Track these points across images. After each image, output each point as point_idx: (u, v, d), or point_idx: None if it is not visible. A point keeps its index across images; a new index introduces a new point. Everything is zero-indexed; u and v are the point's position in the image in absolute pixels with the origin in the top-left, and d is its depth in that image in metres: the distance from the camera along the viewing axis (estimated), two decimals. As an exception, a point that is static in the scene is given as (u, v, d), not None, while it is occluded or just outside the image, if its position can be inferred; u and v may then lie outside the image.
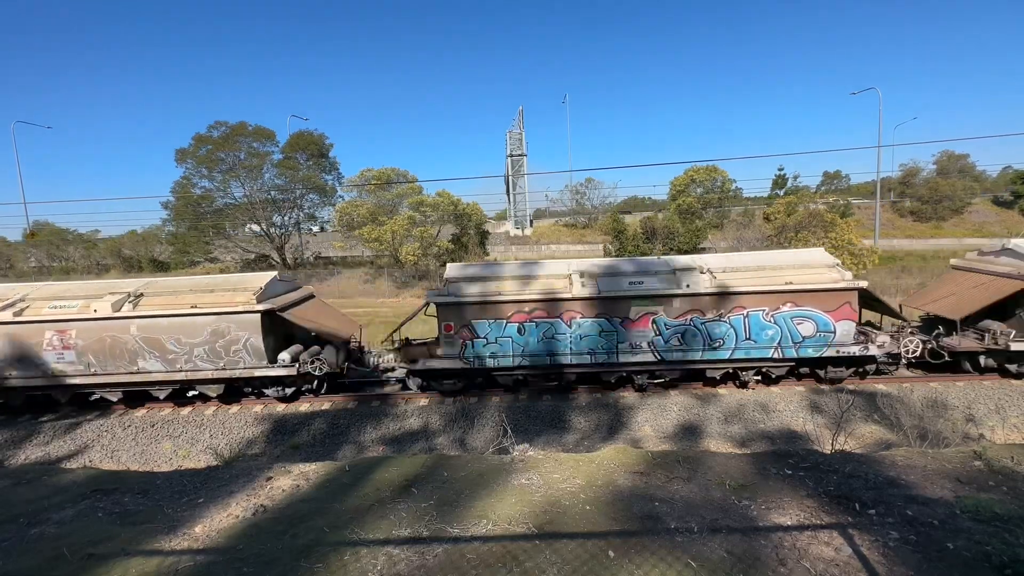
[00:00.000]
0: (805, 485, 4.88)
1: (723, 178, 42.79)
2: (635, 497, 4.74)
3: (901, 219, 48.10)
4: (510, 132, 48.99)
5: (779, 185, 48.08)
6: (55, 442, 10.92)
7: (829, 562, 3.69)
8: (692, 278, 10.90)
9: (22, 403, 11.96)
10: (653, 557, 3.77)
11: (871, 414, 10.34)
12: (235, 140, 35.99)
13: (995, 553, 3.61)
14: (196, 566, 4.02)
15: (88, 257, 47.08)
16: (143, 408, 12.21)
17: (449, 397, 11.99)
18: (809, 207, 30.80)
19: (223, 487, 5.70)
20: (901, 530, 4.03)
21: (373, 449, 10.29)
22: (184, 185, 36.55)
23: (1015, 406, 10.54)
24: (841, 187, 58.74)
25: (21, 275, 42.40)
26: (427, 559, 3.91)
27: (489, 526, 4.35)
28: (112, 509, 5.33)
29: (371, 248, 33.64)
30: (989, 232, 42.16)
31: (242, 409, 12.00)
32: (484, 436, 10.34)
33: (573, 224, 49.59)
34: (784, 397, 11.27)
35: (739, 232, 33.66)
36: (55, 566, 4.13)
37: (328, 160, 39.62)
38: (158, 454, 10.53)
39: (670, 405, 11.12)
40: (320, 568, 3.87)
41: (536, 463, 5.66)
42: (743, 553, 3.81)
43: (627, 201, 60.94)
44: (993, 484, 4.76)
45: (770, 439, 9.91)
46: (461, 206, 35.90)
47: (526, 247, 45.76)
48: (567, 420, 10.85)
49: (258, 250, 39.72)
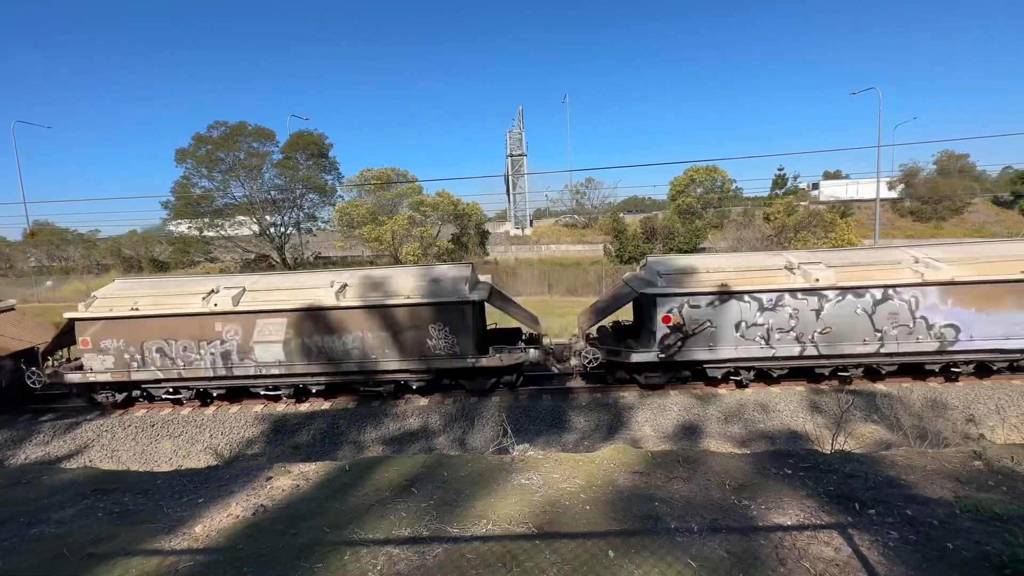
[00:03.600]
0: (805, 485, 4.88)
1: (723, 178, 42.81)
2: (635, 497, 4.74)
3: (901, 219, 48.11)
4: (510, 132, 48.99)
5: (779, 185, 48.11)
6: (55, 442, 10.93)
7: (829, 562, 3.69)
8: None
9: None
10: (653, 557, 3.77)
11: (871, 414, 10.34)
12: (235, 140, 35.99)
13: (995, 553, 3.61)
14: (196, 566, 4.02)
15: (88, 257, 47.04)
16: (144, 408, 12.22)
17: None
18: (809, 207, 30.82)
19: (223, 487, 5.70)
20: (901, 530, 4.03)
21: (373, 449, 10.29)
22: (184, 185, 36.54)
23: (1015, 406, 10.53)
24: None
25: (21, 275, 42.39)
26: (427, 559, 3.91)
27: (489, 526, 4.35)
28: (112, 509, 5.32)
29: (371, 248, 33.66)
30: (989, 232, 42.19)
31: (242, 409, 11.99)
32: (484, 436, 10.34)
33: (573, 224, 49.59)
34: (784, 397, 11.27)
35: (739, 232, 33.69)
36: (55, 566, 4.13)
37: (328, 160, 39.61)
38: (158, 454, 10.53)
39: (670, 405, 11.12)
40: (320, 568, 3.87)
41: (536, 463, 5.66)
42: (743, 553, 3.81)
43: (627, 201, 60.96)
44: (993, 484, 4.76)
45: (770, 439, 9.91)
46: (461, 206, 35.91)
47: (526, 247, 45.77)
48: (567, 420, 10.85)
49: (258, 250, 39.72)
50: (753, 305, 10.78)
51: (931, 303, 10.62)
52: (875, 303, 10.66)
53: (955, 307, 10.61)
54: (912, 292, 10.60)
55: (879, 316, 10.68)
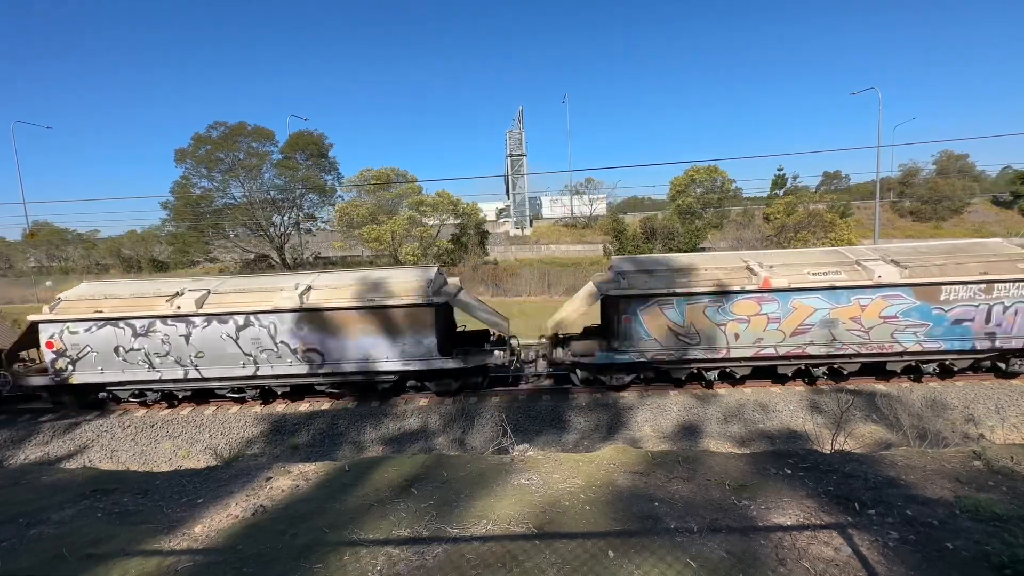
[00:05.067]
0: (805, 485, 4.88)
1: (723, 178, 42.79)
2: (635, 497, 4.74)
3: (901, 219, 48.12)
4: (510, 132, 49.02)
5: (779, 185, 48.09)
6: (55, 442, 10.92)
7: (829, 562, 3.68)
8: None
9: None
10: (653, 557, 3.77)
11: (870, 414, 10.34)
12: (234, 140, 36.00)
13: (995, 553, 3.61)
14: (196, 566, 4.02)
15: (88, 257, 47.05)
16: (144, 408, 12.22)
17: (452, 396, 11.97)
18: (809, 207, 30.84)
19: (223, 487, 5.70)
20: (901, 530, 4.03)
21: (373, 449, 10.28)
22: (183, 185, 36.55)
23: (1015, 406, 10.54)
24: (841, 187, 58.71)
25: (20, 275, 42.38)
26: (427, 559, 3.91)
27: (489, 526, 4.35)
28: (112, 509, 5.32)
29: (371, 248, 33.65)
30: (989, 232, 42.16)
31: (241, 409, 11.99)
32: (484, 436, 10.34)
33: (573, 224, 49.60)
34: (784, 397, 11.27)
35: (739, 232, 33.71)
36: (55, 566, 4.13)
37: (327, 160, 39.63)
38: (158, 454, 10.53)
39: (670, 405, 11.12)
40: (320, 568, 3.86)
41: (536, 463, 5.66)
42: (743, 553, 3.81)
43: (627, 201, 60.95)
44: (993, 484, 4.76)
45: (770, 439, 9.91)
46: (461, 206, 35.91)
47: (526, 247, 45.76)
48: (567, 420, 10.84)
49: (257, 250, 39.72)
50: (129, 331, 11.18)
51: (287, 328, 11.12)
52: (238, 329, 11.08)
53: (312, 332, 11.16)
54: (270, 318, 11.06)
55: (244, 340, 11.16)
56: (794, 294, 10.60)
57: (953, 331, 10.70)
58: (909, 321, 10.67)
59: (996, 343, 10.75)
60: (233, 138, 35.88)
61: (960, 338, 10.75)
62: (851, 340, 10.81)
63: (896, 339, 10.80)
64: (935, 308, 10.57)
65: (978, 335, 10.73)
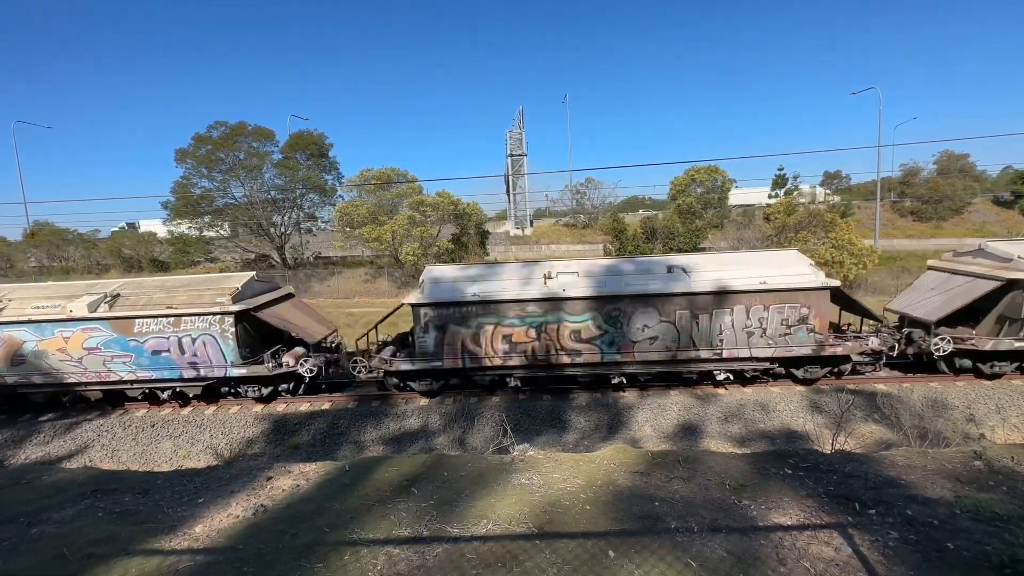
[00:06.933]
0: (805, 485, 4.88)
1: (723, 178, 42.74)
2: (635, 497, 4.74)
3: (901, 219, 48.05)
4: (510, 132, 48.94)
5: (779, 185, 48.04)
6: (55, 442, 10.93)
7: (829, 562, 3.68)
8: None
9: None
10: (653, 557, 3.77)
11: (871, 414, 10.33)
12: (235, 140, 35.95)
13: (995, 553, 3.61)
14: (196, 566, 4.02)
15: (88, 257, 47.03)
16: (144, 408, 12.22)
17: (450, 397, 11.97)
18: (809, 207, 30.79)
19: (223, 487, 5.70)
20: (901, 530, 4.03)
21: (373, 449, 10.29)
22: (184, 185, 36.50)
23: (1015, 406, 10.53)
24: (841, 187, 58.67)
25: (21, 275, 42.38)
26: (427, 559, 3.91)
27: (489, 526, 4.35)
28: (112, 509, 5.32)
29: (371, 248, 33.61)
30: (989, 232, 42.09)
31: (242, 409, 12.00)
32: (484, 436, 10.34)
33: (573, 224, 49.56)
34: (784, 397, 11.27)
35: (739, 232, 33.68)
36: (55, 566, 4.13)
37: (328, 160, 39.55)
38: (158, 454, 10.53)
39: (670, 405, 11.12)
40: (320, 568, 3.86)
41: (536, 463, 5.66)
42: (743, 553, 3.81)
43: (627, 201, 60.93)
44: (993, 484, 4.76)
45: (770, 439, 9.91)
46: (461, 206, 35.88)
47: (526, 247, 45.73)
48: (567, 420, 10.84)
49: (258, 250, 39.68)
50: None
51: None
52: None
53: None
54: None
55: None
56: (8, 327, 11.37)
57: (157, 361, 11.44)
58: (113, 352, 11.39)
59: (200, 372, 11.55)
60: (233, 138, 35.83)
61: (168, 367, 11.51)
62: (70, 370, 11.57)
63: (111, 369, 11.53)
64: (132, 340, 11.32)
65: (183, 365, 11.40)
